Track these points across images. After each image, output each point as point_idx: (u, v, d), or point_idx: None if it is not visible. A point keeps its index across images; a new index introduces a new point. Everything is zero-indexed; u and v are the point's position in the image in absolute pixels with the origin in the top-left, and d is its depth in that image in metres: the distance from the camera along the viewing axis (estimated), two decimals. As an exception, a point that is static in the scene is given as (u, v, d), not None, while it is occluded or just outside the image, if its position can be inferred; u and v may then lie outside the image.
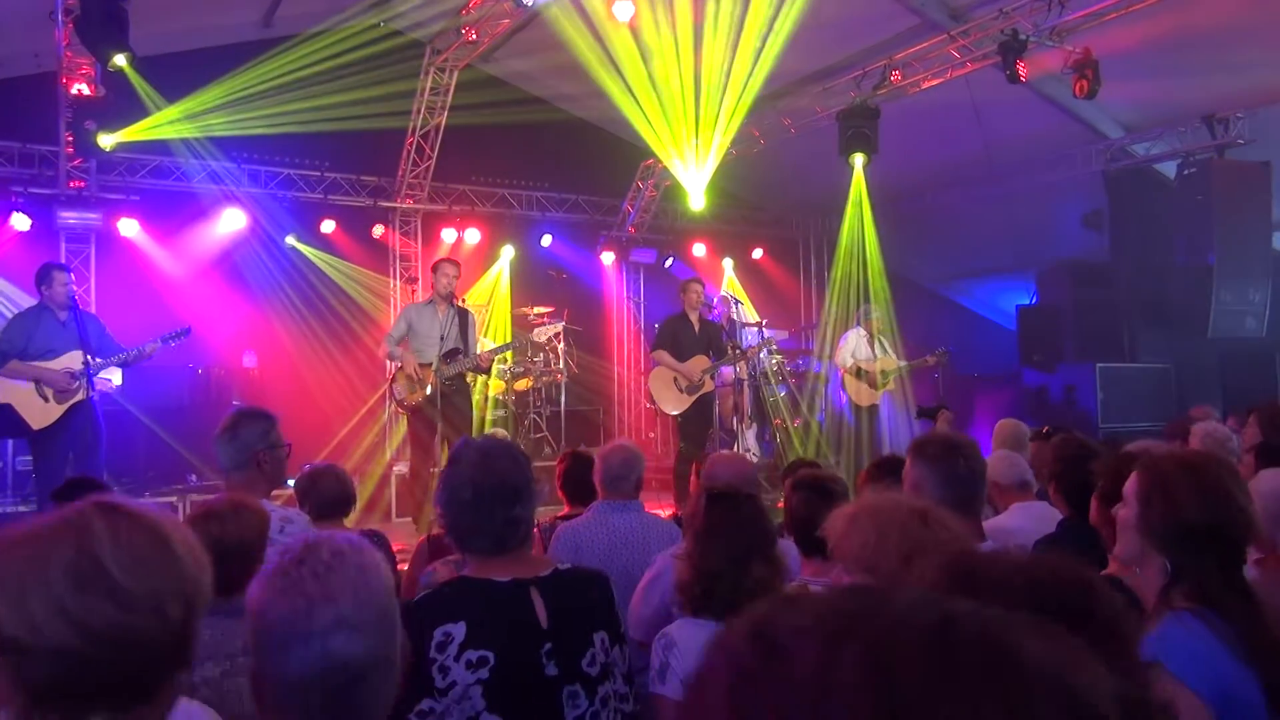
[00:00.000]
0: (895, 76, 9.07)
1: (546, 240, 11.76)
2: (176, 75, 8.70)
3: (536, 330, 8.16)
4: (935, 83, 9.05)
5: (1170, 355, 10.40)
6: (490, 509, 2.20)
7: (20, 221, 8.89)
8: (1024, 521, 3.60)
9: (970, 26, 8.60)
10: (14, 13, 8.12)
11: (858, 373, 9.15)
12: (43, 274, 6.65)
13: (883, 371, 9.19)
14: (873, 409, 9.27)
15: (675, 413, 8.29)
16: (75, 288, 6.67)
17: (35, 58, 8.57)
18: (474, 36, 8.96)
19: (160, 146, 9.20)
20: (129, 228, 9.47)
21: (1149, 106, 10.04)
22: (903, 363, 9.49)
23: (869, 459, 8.78)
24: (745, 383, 9.44)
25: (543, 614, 2.16)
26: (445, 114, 10.09)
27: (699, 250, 12.88)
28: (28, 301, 8.57)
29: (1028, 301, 11.33)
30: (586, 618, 2.26)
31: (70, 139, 8.17)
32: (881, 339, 9.39)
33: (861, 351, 9.20)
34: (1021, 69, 8.04)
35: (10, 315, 7.71)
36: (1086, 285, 10.80)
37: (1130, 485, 2.07)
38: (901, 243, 11.47)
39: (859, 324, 9.50)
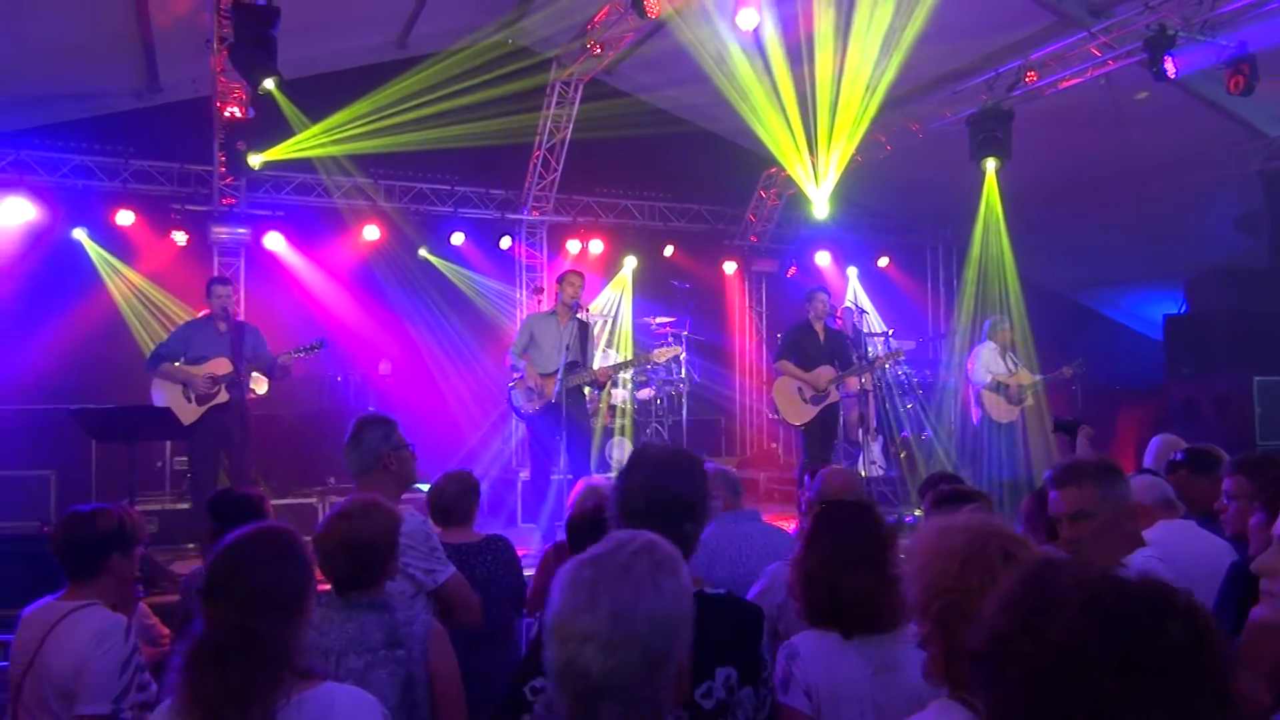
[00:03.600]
0: (1030, 77, 8.73)
1: (669, 250, 11.82)
2: (318, 96, 9.15)
3: (656, 351, 8.19)
4: (1073, 83, 8.67)
5: (1338, 367, 9.64)
6: (665, 521, 2.08)
7: (179, 236, 9.52)
8: (1165, 534, 3.41)
9: (1112, 23, 8.21)
10: (175, 43, 8.70)
11: (997, 388, 8.74)
12: (207, 288, 7.33)
13: (1020, 385, 8.79)
14: (1009, 425, 8.89)
15: (799, 423, 8.18)
16: (228, 300, 7.11)
17: (192, 83, 9.16)
18: (599, 50, 9.09)
19: (303, 164, 9.68)
20: (275, 241, 10.01)
21: (1313, 101, 9.37)
22: (1037, 376, 9.07)
23: (1005, 476, 8.47)
24: (871, 394, 9.22)
25: None
26: (570, 127, 10.27)
27: (822, 259, 12.70)
28: (186, 310, 9.22)
29: (1175, 310, 10.71)
30: (713, 650, 2.08)
31: (223, 159, 8.68)
32: (1011, 353, 8.98)
33: (995, 365, 8.80)
34: (1169, 66, 7.62)
35: (179, 323, 8.41)
36: (1242, 292, 10.10)
37: None
38: (1037, 249, 11.02)
39: (986, 337, 9.11)
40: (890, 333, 10.24)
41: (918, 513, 7.77)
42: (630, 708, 1.42)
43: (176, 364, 6.94)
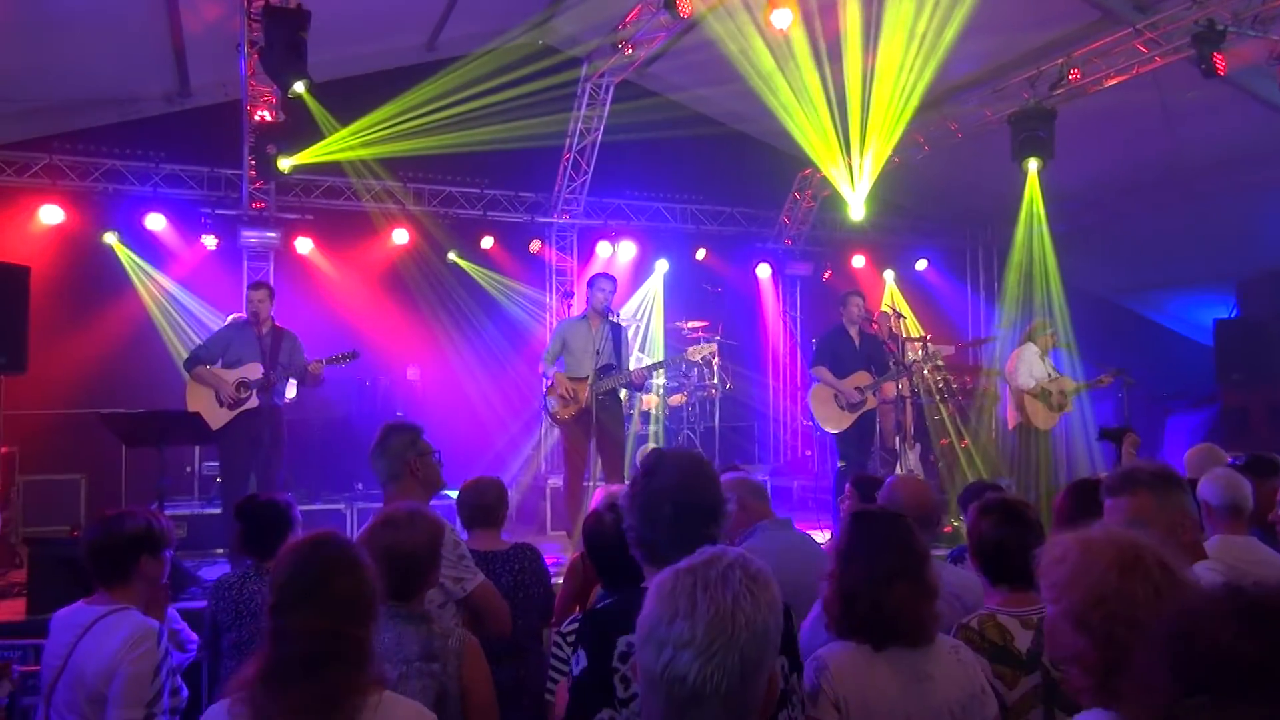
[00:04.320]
0: (1074, 75, 8.49)
1: (701, 254, 11.67)
2: (348, 99, 9.12)
3: (691, 349, 8.06)
4: (1118, 80, 8.42)
5: (1398, 374, 9.30)
6: (693, 528, 2.10)
7: (209, 241, 9.52)
8: (1224, 549, 3.25)
9: (1159, 19, 7.97)
10: (205, 48, 8.71)
11: (1041, 394, 8.45)
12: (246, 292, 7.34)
13: (1061, 392, 8.52)
14: (1047, 432, 8.62)
15: (836, 431, 8.00)
16: (259, 305, 7.06)
17: (222, 88, 9.17)
18: (630, 50, 8.98)
19: (333, 167, 9.66)
20: (304, 245, 9.98)
21: (1372, 97, 9.04)
22: (1079, 381, 8.80)
23: (1044, 482, 8.20)
24: (908, 400, 9.00)
25: None
26: (601, 128, 10.16)
27: (858, 262, 12.50)
28: (215, 314, 9.22)
29: (1226, 314, 10.40)
30: None
31: (253, 163, 8.66)
32: (1050, 357, 8.69)
33: (1038, 369, 8.52)
34: (1219, 62, 7.36)
35: (210, 327, 8.58)
36: (1298, 296, 9.81)
37: None
38: (1080, 252, 10.76)
39: (1026, 338, 8.83)
40: (928, 337, 10.00)
41: (956, 523, 7.57)
42: (725, 714, 1.44)
43: (211, 367, 6.91)
